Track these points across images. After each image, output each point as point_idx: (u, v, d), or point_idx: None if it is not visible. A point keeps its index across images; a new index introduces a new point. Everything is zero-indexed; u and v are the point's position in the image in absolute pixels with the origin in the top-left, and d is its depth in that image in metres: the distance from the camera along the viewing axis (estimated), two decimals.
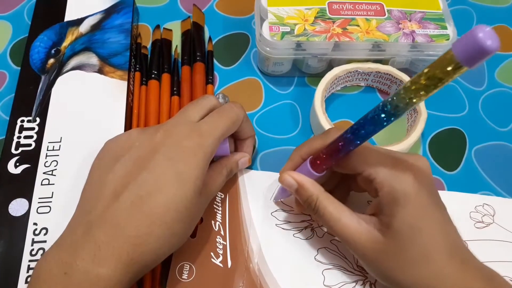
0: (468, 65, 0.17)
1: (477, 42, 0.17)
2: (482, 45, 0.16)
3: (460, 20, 0.42)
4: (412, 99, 0.20)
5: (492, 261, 0.32)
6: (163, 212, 0.25)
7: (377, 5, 0.40)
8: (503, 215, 0.35)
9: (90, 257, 0.23)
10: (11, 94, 0.37)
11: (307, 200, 0.28)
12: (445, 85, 0.19)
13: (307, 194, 0.28)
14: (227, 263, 0.31)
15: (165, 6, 0.46)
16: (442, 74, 0.19)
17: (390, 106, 0.21)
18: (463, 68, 0.18)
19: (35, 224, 0.31)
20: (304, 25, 0.38)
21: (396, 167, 0.25)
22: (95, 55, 0.39)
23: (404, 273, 0.25)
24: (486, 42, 0.16)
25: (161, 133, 0.27)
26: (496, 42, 0.17)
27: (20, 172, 0.33)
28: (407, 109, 0.21)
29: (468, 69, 0.18)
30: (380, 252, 0.26)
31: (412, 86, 0.20)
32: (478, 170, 0.38)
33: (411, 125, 0.37)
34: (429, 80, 0.19)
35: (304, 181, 0.28)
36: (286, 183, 0.29)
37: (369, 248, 0.26)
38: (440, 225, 0.25)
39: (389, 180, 0.25)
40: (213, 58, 0.42)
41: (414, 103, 0.20)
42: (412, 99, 0.20)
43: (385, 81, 0.40)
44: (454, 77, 0.18)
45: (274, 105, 0.40)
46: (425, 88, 0.19)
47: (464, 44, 0.17)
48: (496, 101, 0.42)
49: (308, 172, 0.28)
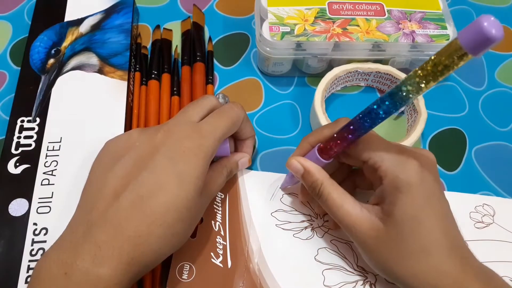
0: (473, 53, 0.18)
1: (482, 31, 0.17)
2: (487, 34, 0.17)
3: (460, 20, 0.42)
4: (419, 85, 0.21)
5: (492, 261, 0.32)
6: (163, 212, 0.25)
7: (377, 5, 0.40)
8: (503, 215, 0.35)
9: (91, 257, 0.23)
10: (11, 94, 0.37)
11: (311, 185, 0.28)
12: (450, 73, 0.20)
13: (312, 179, 0.28)
14: (227, 263, 0.31)
15: (165, 6, 0.46)
16: (448, 61, 0.19)
17: (398, 93, 0.22)
18: (468, 56, 0.18)
19: (35, 224, 0.31)
20: (304, 25, 0.38)
21: (401, 157, 0.25)
22: (95, 55, 0.39)
23: (402, 264, 0.25)
24: (491, 31, 0.17)
25: (162, 133, 0.27)
26: (500, 31, 0.17)
27: (20, 172, 0.33)
28: (413, 96, 0.22)
29: (473, 57, 0.18)
30: (379, 241, 0.26)
31: (419, 72, 0.21)
32: (478, 170, 0.38)
33: (411, 125, 0.37)
34: (435, 67, 0.20)
35: (311, 167, 0.28)
36: (293, 167, 0.29)
37: (369, 236, 0.26)
38: (442, 219, 0.25)
39: (393, 168, 0.25)
40: (213, 58, 0.42)
41: (421, 89, 0.21)
42: (419, 85, 0.21)
43: (385, 81, 0.40)
44: (460, 64, 0.19)
45: (274, 105, 0.40)
46: (432, 74, 0.20)
47: (469, 32, 0.18)
48: (496, 101, 0.42)
49: (316, 158, 0.29)
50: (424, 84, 0.21)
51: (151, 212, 0.24)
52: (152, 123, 0.37)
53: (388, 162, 0.26)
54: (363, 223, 0.26)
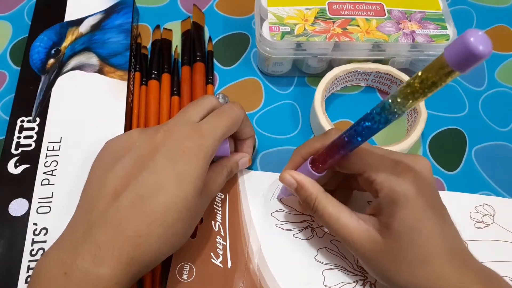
0: (460, 70, 0.17)
1: (468, 47, 0.16)
2: (473, 50, 0.16)
3: (460, 20, 0.42)
4: (408, 101, 0.20)
5: (492, 261, 0.32)
6: (163, 212, 0.25)
7: (377, 5, 0.40)
8: (503, 215, 0.35)
9: (90, 257, 0.23)
10: (11, 94, 0.37)
11: (305, 200, 0.28)
12: (440, 88, 0.19)
13: (306, 194, 0.28)
14: (227, 263, 0.31)
15: (165, 6, 0.46)
16: (435, 78, 0.18)
17: (387, 108, 0.21)
18: (455, 72, 0.18)
19: (35, 224, 0.31)
20: (304, 25, 0.38)
21: (396, 169, 0.25)
22: (95, 55, 0.39)
23: (402, 274, 0.25)
24: (478, 47, 0.16)
25: (162, 133, 0.27)
26: (488, 47, 0.16)
27: (20, 172, 0.33)
28: (403, 111, 0.21)
29: (461, 74, 0.17)
30: (378, 252, 0.26)
31: (407, 89, 0.20)
32: (478, 170, 0.38)
33: (411, 125, 0.37)
34: (423, 84, 0.19)
35: (304, 181, 0.28)
36: (286, 181, 0.29)
37: (368, 248, 0.26)
38: (440, 227, 0.25)
39: (389, 181, 0.25)
40: (213, 58, 0.42)
41: (410, 105, 0.20)
42: (408, 101, 0.20)
43: (385, 81, 0.40)
44: (447, 81, 0.18)
45: (274, 105, 0.40)
46: (420, 91, 0.19)
47: (455, 49, 0.17)
48: (496, 101, 0.42)
49: (309, 172, 0.28)
50: (412, 100, 0.20)
51: (151, 212, 0.24)
52: (152, 123, 0.37)
53: (383, 175, 0.25)
54: (361, 236, 0.26)
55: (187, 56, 0.41)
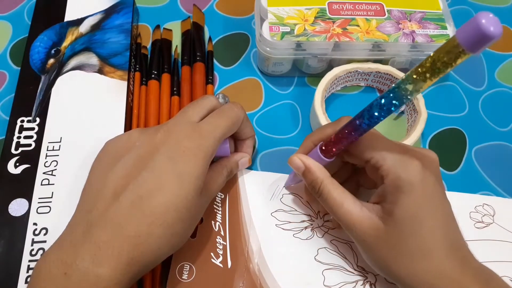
0: (471, 50, 0.18)
1: (480, 28, 0.17)
2: (485, 31, 0.17)
3: (460, 20, 0.42)
4: (419, 82, 0.21)
5: (492, 261, 0.32)
6: (163, 212, 0.25)
7: (377, 5, 0.40)
8: (503, 215, 0.35)
9: (90, 257, 0.23)
10: (11, 94, 0.37)
11: (311, 183, 0.28)
12: (450, 70, 0.20)
13: (312, 177, 0.28)
14: (227, 263, 0.31)
15: (165, 6, 0.46)
16: (446, 58, 0.19)
17: (397, 91, 0.22)
18: (466, 53, 0.18)
19: (35, 224, 0.31)
20: (304, 25, 0.38)
21: (403, 156, 0.25)
22: (95, 55, 0.39)
23: (401, 264, 0.25)
24: (489, 28, 0.17)
25: (162, 133, 0.27)
26: (499, 29, 0.17)
27: (20, 172, 0.33)
28: (413, 94, 0.21)
29: (472, 55, 0.18)
30: (379, 240, 0.26)
31: (419, 69, 0.20)
32: (478, 170, 0.38)
33: (411, 125, 0.37)
34: (434, 64, 0.20)
35: (312, 164, 0.28)
36: (294, 164, 0.29)
37: (369, 234, 0.26)
38: (442, 220, 0.25)
39: (395, 167, 0.25)
40: (213, 58, 0.42)
41: (421, 87, 0.21)
42: (419, 82, 0.21)
43: (385, 81, 0.40)
44: (458, 62, 0.19)
45: (274, 105, 0.40)
46: (430, 71, 0.20)
47: (467, 30, 0.18)
48: (496, 101, 0.42)
49: (318, 157, 0.29)
50: (423, 82, 0.21)
51: (151, 212, 0.24)
52: (152, 123, 0.37)
53: (390, 162, 0.25)
54: (363, 222, 0.26)
55: (187, 56, 0.41)
